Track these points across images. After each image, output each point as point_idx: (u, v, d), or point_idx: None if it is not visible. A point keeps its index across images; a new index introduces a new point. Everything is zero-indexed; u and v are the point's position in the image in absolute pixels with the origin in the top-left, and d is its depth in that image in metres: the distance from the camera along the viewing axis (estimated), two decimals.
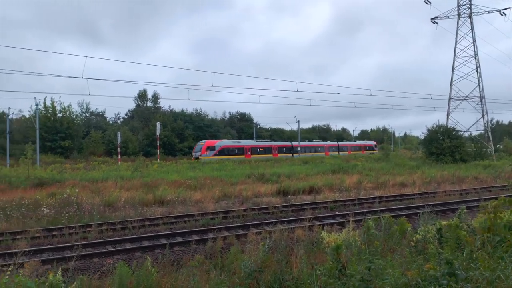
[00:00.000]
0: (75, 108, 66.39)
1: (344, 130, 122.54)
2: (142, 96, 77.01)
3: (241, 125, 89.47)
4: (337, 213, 15.58)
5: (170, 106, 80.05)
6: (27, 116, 54.47)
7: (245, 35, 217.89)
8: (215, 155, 51.16)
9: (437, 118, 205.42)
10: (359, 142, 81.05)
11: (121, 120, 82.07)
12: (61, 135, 53.77)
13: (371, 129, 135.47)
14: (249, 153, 56.02)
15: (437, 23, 50.79)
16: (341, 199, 19.15)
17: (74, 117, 59.91)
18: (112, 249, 10.48)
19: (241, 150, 55.65)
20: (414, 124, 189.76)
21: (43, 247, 10.58)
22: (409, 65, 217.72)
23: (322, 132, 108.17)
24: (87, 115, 74.20)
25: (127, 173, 28.73)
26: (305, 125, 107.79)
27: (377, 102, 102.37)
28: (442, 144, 42.47)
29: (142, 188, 21.74)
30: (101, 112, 79.73)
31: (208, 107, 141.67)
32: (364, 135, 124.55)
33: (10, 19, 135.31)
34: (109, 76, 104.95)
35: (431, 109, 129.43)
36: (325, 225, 12.40)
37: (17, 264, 4.98)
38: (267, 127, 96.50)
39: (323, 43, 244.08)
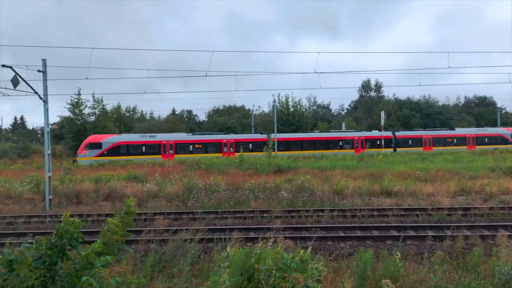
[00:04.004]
0: (304, 102, 72.39)
1: None
2: (365, 86, 77.02)
3: (479, 110, 77.39)
4: None
5: (394, 94, 77.04)
6: (266, 111, 63.06)
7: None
8: (101, 155, 37.88)
9: None
10: (461, 131, 47.92)
11: (345, 111, 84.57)
12: (293, 127, 59.73)
13: None
14: (171, 151, 40.50)
15: None
16: None
17: (303, 110, 65.43)
18: (344, 234, 10.92)
19: (156, 148, 40.34)
20: None
21: (284, 226, 12.01)
22: None
23: None
24: (315, 108, 79.79)
25: (352, 163, 29.37)
26: None
27: None
28: None
29: (368, 178, 21.77)
30: (327, 104, 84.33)
31: (440, 92, 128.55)
32: None
33: (260, 21, 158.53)
34: (339, 67, 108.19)
35: None
36: None
37: (272, 238, 5.81)
38: None
39: None
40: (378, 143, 44.88)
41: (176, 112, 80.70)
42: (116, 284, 3.54)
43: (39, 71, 16.38)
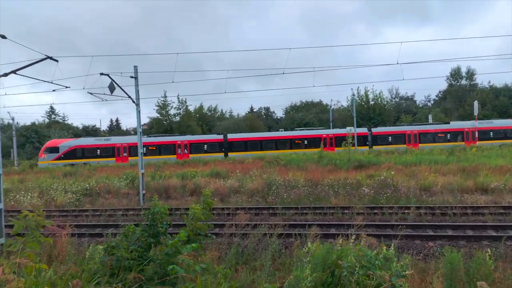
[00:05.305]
0: (386, 95, 69.14)
1: None
2: (455, 74, 70.91)
3: None
4: None
5: (489, 82, 69.85)
6: (345, 105, 61.44)
7: None
8: (58, 158, 38.92)
9: None
10: (457, 125, 42.05)
11: (432, 102, 78.88)
12: (374, 121, 57.46)
13: None
14: (125, 154, 40.31)
15: None
16: None
17: (385, 103, 62.56)
18: (433, 233, 10.27)
19: (110, 151, 40.32)
20: None
21: (366, 223, 11.62)
22: None
23: None
24: (397, 100, 75.70)
25: (442, 157, 27.35)
26: None
27: None
28: None
29: (460, 173, 20.14)
30: (411, 96, 79.40)
31: None
32: None
33: (340, 11, 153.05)
34: (426, 56, 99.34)
35: None
36: None
37: (353, 235, 5.71)
38: None
39: None
40: (350, 140, 40.63)
41: (254, 110, 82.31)
42: (200, 270, 3.78)
43: (131, 77, 17.90)
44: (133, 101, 18.16)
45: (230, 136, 42.19)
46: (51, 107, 73.72)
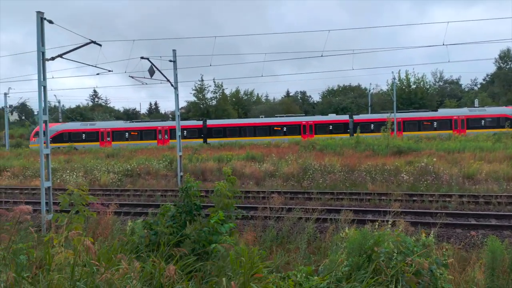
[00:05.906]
0: (429, 78, 66.16)
1: None
2: (504, 56, 66.61)
3: None
4: None
5: None
6: (384, 89, 59.54)
7: None
8: None
9: None
10: (445, 112, 40.10)
11: (478, 86, 74.82)
12: (415, 106, 55.33)
13: None
14: (108, 139, 40.96)
15: None
16: None
17: (427, 87, 60.03)
18: (475, 222, 9.89)
19: (95, 136, 41.19)
20: None
21: (404, 210, 11.36)
22: None
23: None
24: (441, 83, 72.39)
25: (487, 144, 26.05)
26: None
27: None
28: None
29: (507, 161, 19.13)
30: (456, 79, 75.62)
31: None
32: None
33: None
34: (474, 37, 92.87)
35: None
36: None
37: (390, 221, 5.60)
38: None
39: None
40: (330, 128, 39.73)
41: (290, 94, 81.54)
42: (240, 251, 3.86)
43: (170, 61, 18.19)
44: (172, 85, 18.51)
45: (210, 122, 42.66)
46: (94, 91, 76.62)
